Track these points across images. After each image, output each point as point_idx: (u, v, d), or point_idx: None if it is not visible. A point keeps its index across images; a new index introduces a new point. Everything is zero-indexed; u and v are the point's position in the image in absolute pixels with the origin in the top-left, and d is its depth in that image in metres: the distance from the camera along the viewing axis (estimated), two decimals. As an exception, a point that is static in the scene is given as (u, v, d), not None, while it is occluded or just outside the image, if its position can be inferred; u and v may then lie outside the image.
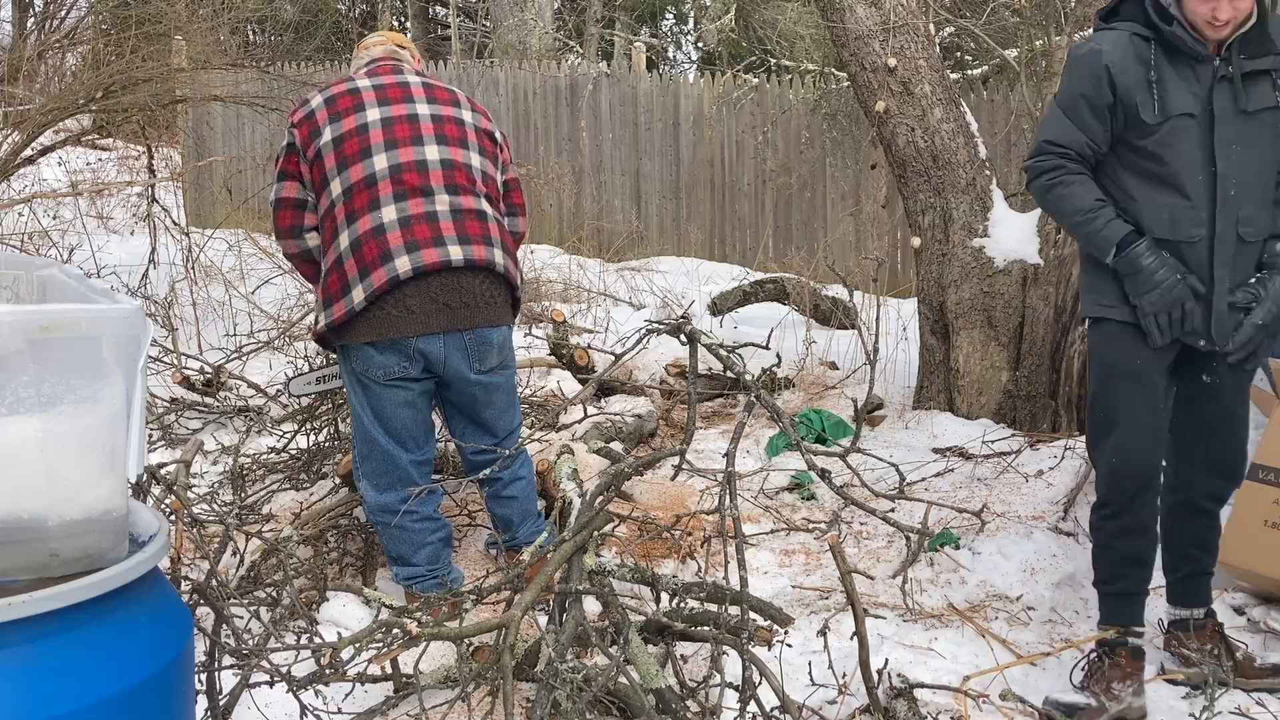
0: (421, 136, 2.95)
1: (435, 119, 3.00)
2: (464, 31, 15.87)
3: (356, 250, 2.86)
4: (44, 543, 1.35)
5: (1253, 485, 3.06)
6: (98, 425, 1.37)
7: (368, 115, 2.95)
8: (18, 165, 6.33)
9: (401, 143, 2.93)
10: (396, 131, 2.94)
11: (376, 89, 3.01)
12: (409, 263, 2.82)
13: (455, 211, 2.91)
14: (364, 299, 2.83)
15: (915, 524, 3.50)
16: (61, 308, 1.37)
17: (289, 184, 3.03)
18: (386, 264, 2.82)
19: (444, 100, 3.06)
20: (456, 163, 2.96)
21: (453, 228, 2.89)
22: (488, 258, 2.91)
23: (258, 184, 9.94)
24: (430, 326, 2.85)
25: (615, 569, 2.71)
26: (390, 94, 3.01)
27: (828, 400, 5.19)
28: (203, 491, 3.77)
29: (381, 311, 2.84)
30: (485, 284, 2.93)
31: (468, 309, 2.89)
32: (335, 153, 2.93)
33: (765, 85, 9.04)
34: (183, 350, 5.44)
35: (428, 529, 3.02)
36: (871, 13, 4.55)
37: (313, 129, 2.97)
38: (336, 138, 2.94)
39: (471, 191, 2.96)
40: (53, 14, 7.42)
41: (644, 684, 2.28)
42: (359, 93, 3.00)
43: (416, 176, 2.90)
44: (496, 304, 2.96)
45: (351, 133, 2.93)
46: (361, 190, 2.89)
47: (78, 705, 1.28)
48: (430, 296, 2.85)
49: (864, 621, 2.44)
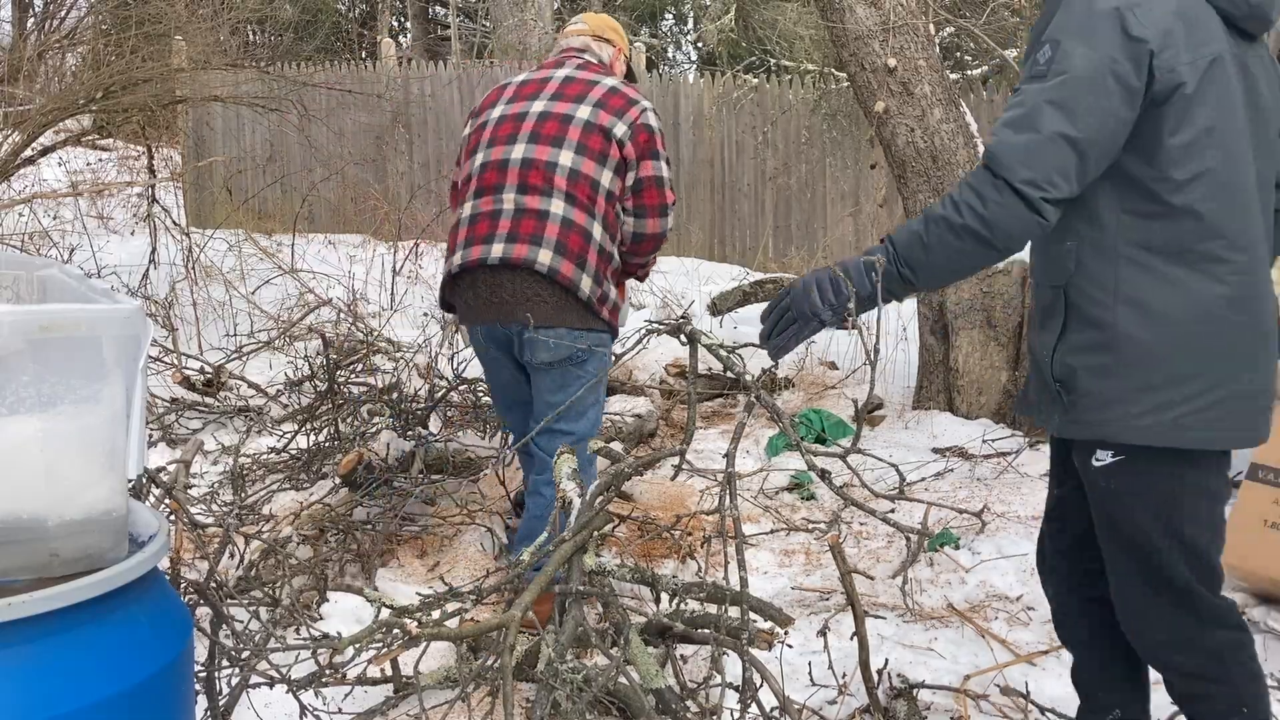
0: (516, 135, 3.04)
1: (540, 117, 3.05)
2: (464, 31, 15.86)
3: (449, 242, 3.11)
4: (44, 543, 1.34)
5: (1253, 485, 3.06)
6: (98, 425, 1.37)
7: (493, 113, 3.14)
8: (18, 165, 6.32)
9: (497, 141, 3.06)
10: (500, 131, 3.07)
11: (520, 85, 3.17)
12: (459, 259, 3.01)
13: (518, 210, 2.97)
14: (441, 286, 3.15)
15: (915, 524, 3.50)
16: (62, 308, 1.37)
17: (458, 169, 3.28)
18: (450, 259, 3.07)
19: (570, 96, 3.08)
20: (537, 161, 2.99)
21: (508, 226, 2.96)
22: (528, 257, 2.91)
23: (258, 184, 9.94)
24: (482, 318, 3.02)
25: (615, 569, 2.71)
26: (525, 91, 3.14)
27: (827, 400, 5.19)
28: (202, 492, 3.77)
29: (451, 298, 3.15)
30: (526, 283, 2.93)
31: (508, 305, 2.95)
32: (464, 148, 3.20)
33: (765, 85, 9.04)
34: (183, 350, 5.44)
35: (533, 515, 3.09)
36: (871, 13, 4.55)
37: (469, 121, 3.26)
38: (467, 134, 3.21)
39: (543, 191, 2.97)
40: (53, 14, 7.41)
41: (644, 684, 2.28)
42: (505, 89, 3.20)
43: (494, 175, 3.03)
44: (544, 304, 2.93)
45: (476, 130, 3.17)
46: (464, 185, 3.13)
47: (77, 705, 1.28)
48: (476, 291, 3.01)
49: (864, 622, 2.44)
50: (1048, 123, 1.68)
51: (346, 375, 4.62)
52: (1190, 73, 1.69)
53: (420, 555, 3.49)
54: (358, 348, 5.03)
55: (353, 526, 3.40)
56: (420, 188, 9.48)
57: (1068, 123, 1.67)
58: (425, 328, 6.31)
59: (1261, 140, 1.80)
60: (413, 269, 7.69)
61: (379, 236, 8.80)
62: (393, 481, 3.62)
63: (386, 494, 3.55)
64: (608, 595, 2.45)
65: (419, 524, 3.58)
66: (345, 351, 4.91)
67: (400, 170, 10.07)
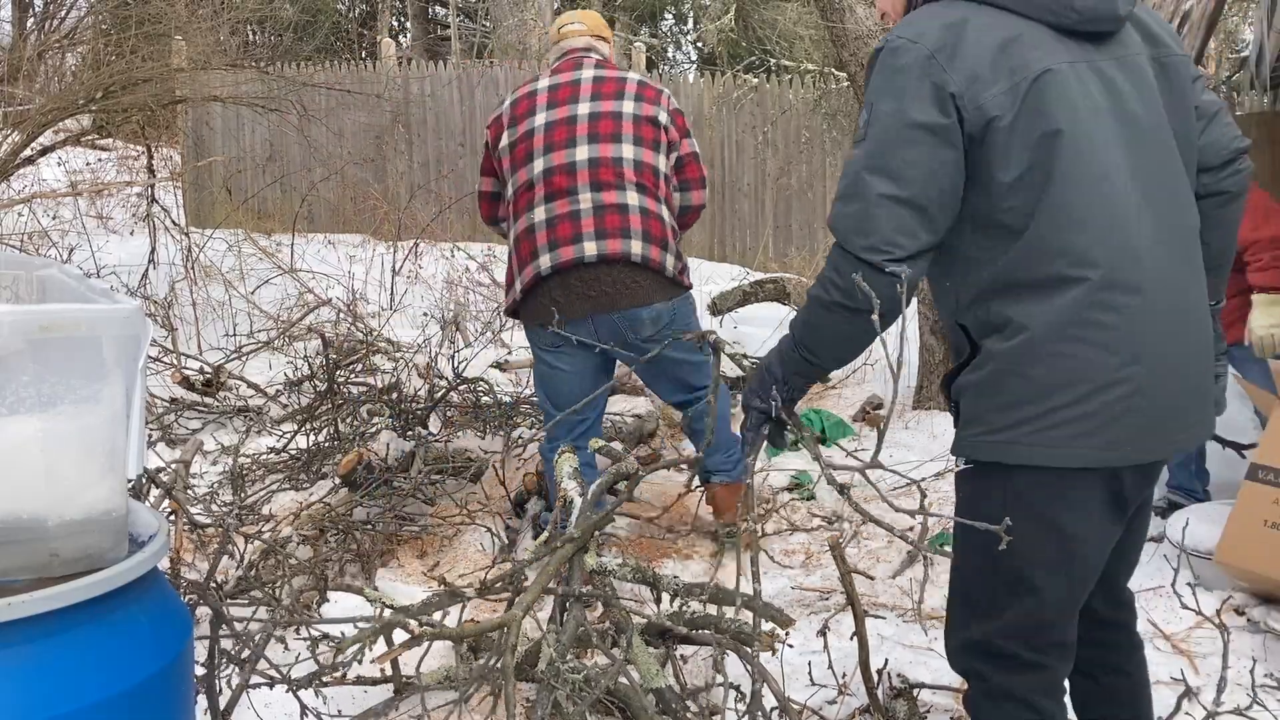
0: (575, 138, 3.22)
1: (592, 117, 3.25)
2: (464, 31, 15.86)
3: (517, 247, 3.25)
4: (44, 543, 1.34)
5: (1253, 485, 3.06)
6: (98, 425, 1.37)
7: (536, 120, 3.28)
8: (18, 165, 6.32)
9: (556, 146, 3.23)
10: (554, 135, 3.24)
11: (550, 90, 3.32)
12: (549, 261, 3.17)
13: (597, 208, 3.18)
14: (520, 291, 3.24)
15: (915, 524, 3.50)
16: (61, 308, 1.37)
17: (485, 179, 3.47)
18: (533, 262, 3.19)
19: (608, 94, 3.29)
20: (604, 159, 3.21)
21: (592, 224, 3.17)
22: (623, 250, 3.16)
23: (257, 184, 9.94)
24: (574, 314, 3.17)
25: (617, 568, 2.71)
26: (560, 95, 3.30)
27: (827, 400, 5.20)
28: (202, 492, 3.77)
29: (534, 301, 3.22)
30: (623, 273, 3.18)
31: (608, 296, 3.18)
32: (510, 156, 3.30)
33: (765, 85, 9.04)
34: (183, 350, 5.44)
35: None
36: (871, 13, 4.55)
37: (498, 131, 3.36)
38: (512, 142, 3.30)
39: (616, 186, 3.20)
40: (53, 14, 7.41)
41: (644, 684, 2.28)
42: (535, 96, 3.33)
43: (564, 179, 3.20)
44: (641, 288, 3.20)
45: (522, 137, 3.28)
46: (524, 192, 3.25)
47: (77, 706, 1.28)
48: (569, 288, 3.18)
49: (864, 622, 2.44)
50: (870, 188, 1.67)
51: (346, 375, 4.62)
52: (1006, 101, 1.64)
53: (420, 555, 3.49)
54: (357, 348, 5.04)
55: (353, 526, 3.40)
56: (420, 188, 9.48)
57: (889, 183, 1.66)
58: (425, 328, 6.32)
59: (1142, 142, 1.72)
60: (412, 269, 7.69)
61: (379, 236, 8.80)
62: (393, 481, 3.62)
63: (386, 494, 3.55)
64: (609, 595, 2.45)
65: (419, 524, 3.58)
66: (345, 351, 4.91)
67: (400, 170, 10.07)
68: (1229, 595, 3.10)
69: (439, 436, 4.14)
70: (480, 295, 7.27)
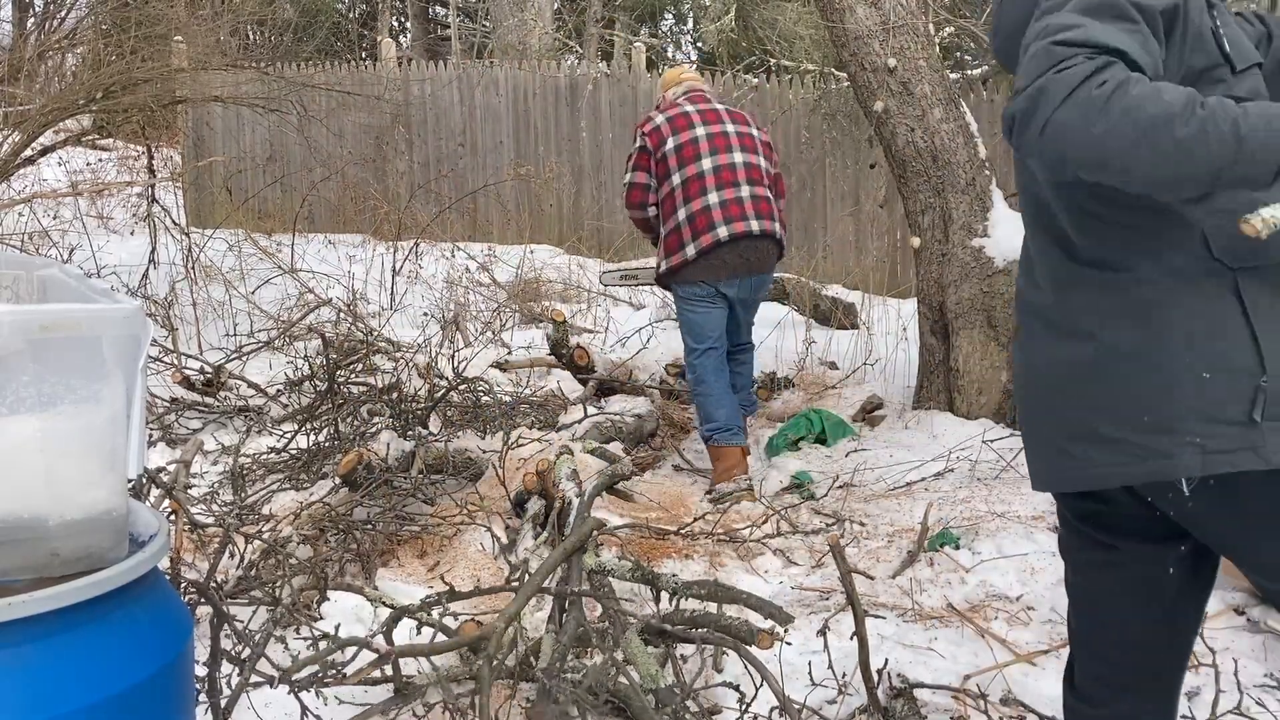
0: (731, 147, 4.35)
1: (739, 135, 4.40)
2: (464, 31, 15.86)
3: (691, 221, 4.26)
4: (44, 542, 1.34)
5: (1253, 485, 3.06)
6: (98, 425, 1.37)
7: (696, 131, 4.36)
8: (18, 165, 6.33)
9: (719, 150, 4.34)
10: (716, 143, 4.35)
11: (699, 113, 4.42)
12: (726, 231, 4.23)
13: (754, 198, 4.30)
14: (695, 253, 4.24)
15: (914, 524, 3.50)
16: (61, 308, 1.37)
17: (640, 173, 4.43)
18: (711, 231, 4.22)
19: (740, 121, 4.47)
20: (752, 164, 4.36)
21: (751, 209, 4.27)
22: (772, 230, 4.32)
23: (257, 184, 9.95)
24: (735, 273, 4.29)
25: (615, 567, 2.71)
26: (709, 117, 4.42)
27: (827, 400, 5.20)
28: (202, 492, 3.77)
29: (705, 262, 4.26)
30: (768, 246, 4.34)
31: (758, 262, 4.33)
32: (676, 156, 4.33)
33: (765, 85, 9.03)
34: (183, 350, 5.44)
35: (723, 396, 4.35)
36: (871, 13, 4.55)
37: (661, 139, 4.36)
38: (678, 145, 4.34)
39: (761, 184, 4.36)
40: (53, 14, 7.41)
41: (644, 684, 2.28)
42: (689, 115, 4.41)
43: (729, 174, 4.30)
44: (772, 258, 4.41)
45: (687, 143, 4.34)
46: (694, 181, 4.29)
47: (77, 706, 1.28)
48: (738, 254, 4.26)
49: (864, 621, 2.44)
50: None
51: (346, 375, 4.62)
52: None
53: (420, 555, 3.49)
54: (358, 348, 5.04)
55: (353, 526, 3.40)
56: (420, 188, 9.49)
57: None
58: (425, 328, 6.32)
59: None
60: (412, 269, 7.69)
61: (379, 236, 8.80)
62: (392, 481, 3.62)
63: (386, 494, 3.55)
64: (607, 596, 2.45)
65: (419, 524, 3.57)
66: (345, 351, 4.91)
67: (400, 170, 10.07)
68: (1229, 595, 3.11)
69: (439, 436, 4.14)
70: (480, 295, 7.28)
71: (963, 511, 3.77)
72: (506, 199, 9.77)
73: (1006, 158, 7.86)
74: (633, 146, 4.46)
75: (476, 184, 9.62)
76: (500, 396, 4.73)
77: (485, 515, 3.67)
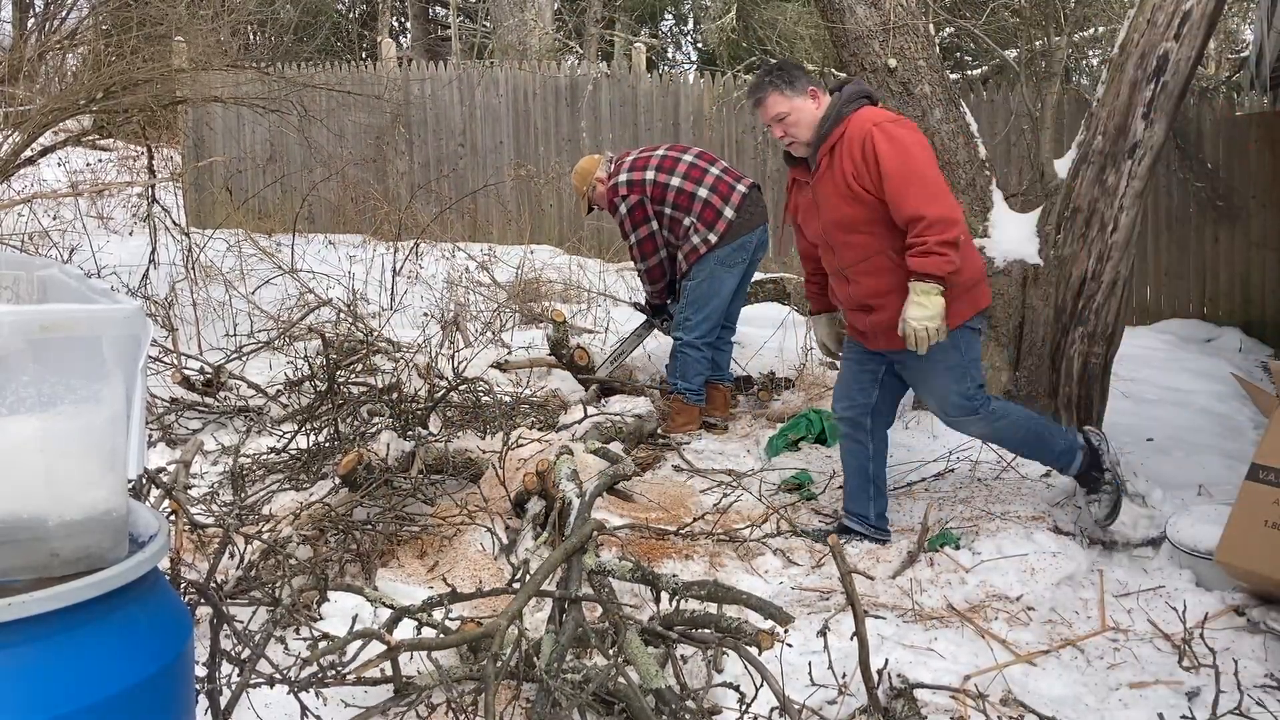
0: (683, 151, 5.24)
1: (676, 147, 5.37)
2: (464, 31, 15.87)
3: (715, 190, 5.01)
4: (44, 543, 1.34)
5: (1253, 485, 3.06)
6: (98, 425, 1.37)
7: (659, 152, 5.23)
8: (18, 165, 6.33)
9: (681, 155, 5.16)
10: (675, 151, 5.23)
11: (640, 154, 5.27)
12: (743, 187, 5.07)
13: (726, 170, 5.15)
14: (733, 212, 5.00)
15: (915, 524, 3.50)
16: (61, 308, 1.37)
17: (643, 227, 5.13)
18: (733, 191, 5.04)
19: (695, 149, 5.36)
20: (703, 152, 5.26)
21: (733, 175, 5.15)
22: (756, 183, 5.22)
23: (257, 184, 9.95)
24: (761, 220, 5.09)
25: (615, 568, 2.71)
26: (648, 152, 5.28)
27: (827, 400, 5.20)
28: (202, 492, 3.77)
29: (741, 218, 5.01)
30: (760, 196, 5.14)
31: (764, 209, 5.13)
32: (660, 171, 5.08)
33: (765, 85, 9.03)
34: (183, 350, 5.44)
35: (706, 365, 5.06)
36: (871, 13, 4.55)
37: (640, 177, 5.10)
38: (657, 167, 5.12)
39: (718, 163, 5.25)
40: (53, 14, 7.41)
41: (643, 684, 2.28)
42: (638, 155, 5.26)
43: (703, 162, 5.14)
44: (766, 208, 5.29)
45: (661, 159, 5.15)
46: (693, 169, 5.09)
47: (77, 706, 1.28)
48: (755, 202, 5.08)
49: (864, 622, 2.44)
50: None
51: (346, 375, 4.62)
52: None
53: (420, 555, 3.48)
54: (358, 348, 5.03)
55: (353, 526, 3.40)
56: (420, 188, 9.49)
57: None
58: (425, 328, 6.32)
59: None
60: (412, 269, 7.69)
61: (379, 236, 8.80)
62: (392, 481, 3.62)
63: (386, 494, 3.55)
64: (607, 596, 2.46)
65: (419, 524, 3.57)
66: (345, 351, 4.91)
67: (400, 170, 10.08)
68: (1229, 595, 3.11)
69: (439, 437, 4.14)
70: (480, 295, 7.28)
71: (963, 511, 3.77)
72: (506, 199, 9.78)
73: (1006, 158, 7.86)
74: (620, 215, 5.08)
75: (476, 184, 9.62)
76: (500, 397, 4.72)
77: (486, 516, 3.67)
